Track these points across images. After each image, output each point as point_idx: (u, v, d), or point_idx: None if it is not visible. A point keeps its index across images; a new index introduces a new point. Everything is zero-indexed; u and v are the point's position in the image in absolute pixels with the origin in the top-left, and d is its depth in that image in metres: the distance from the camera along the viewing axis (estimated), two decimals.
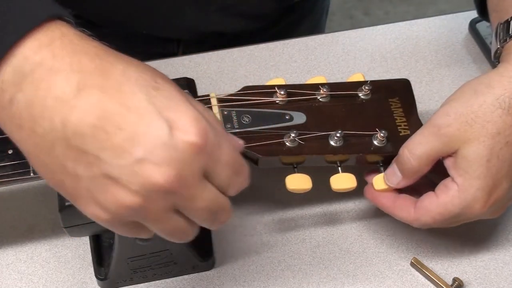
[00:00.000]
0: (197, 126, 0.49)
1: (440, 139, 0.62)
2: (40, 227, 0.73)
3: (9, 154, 0.61)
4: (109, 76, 0.48)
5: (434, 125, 0.63)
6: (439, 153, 0.63)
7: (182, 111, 0.48)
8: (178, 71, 0.82)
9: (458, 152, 0.62)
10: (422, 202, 0.64)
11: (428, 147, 0.63)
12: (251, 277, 0.70)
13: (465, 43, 0.85)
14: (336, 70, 0.82)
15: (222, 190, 0.52)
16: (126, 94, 0.48)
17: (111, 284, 0.69)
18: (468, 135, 0.62)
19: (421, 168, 0.63)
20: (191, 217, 0.52)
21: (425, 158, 0.63)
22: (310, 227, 0.73)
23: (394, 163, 0.65)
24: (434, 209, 0.63)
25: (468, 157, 0.62)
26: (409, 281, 0.70)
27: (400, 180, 0.65)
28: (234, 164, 0.52)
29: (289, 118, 0.66)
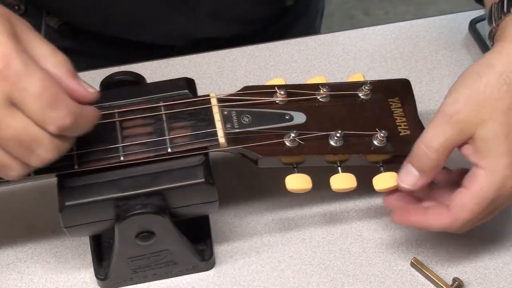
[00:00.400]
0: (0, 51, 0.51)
1: (454, 127, 0.62)
2: (40, 227, 0.73)
3: None
4: None
5: (445, 114, 0.62)
6: (456, 142, 0.62)
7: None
8: (178, 71, 0.82)
9: (475, 136, 0.62)
10: (454, 200, 0.63)
11: (444, 137, 0.62)
12: (251, 277, 0.70)
13: (465, 43, 0.85)
14: (336, 70, 0.82)
15: (38, 123, 0.53)
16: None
17: (111, 284, 0.69)
18: (481, 116, 0.61)
19: (439, 161, 0.63)
20: (4, 147, 0.53)
21: (443, 149, 0.62)
22: (310, 227, 0.73)
23: (408, 163, 0.64)
24: (470, 201, 0.62)
25: (486, 138, 0.61)
26: (409, 281, 0.70)
27: (417, 179, 0.64)
28: (46, 97, 0.52)
29: (289, 118, 0.66)
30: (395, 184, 0.66)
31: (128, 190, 0.62)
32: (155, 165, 0.63)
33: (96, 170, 0.62)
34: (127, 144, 0.62)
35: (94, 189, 0.62)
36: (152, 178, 0.62)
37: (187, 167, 0.63)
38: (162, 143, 0.63)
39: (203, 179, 0.62)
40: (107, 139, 0.63)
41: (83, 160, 0.62)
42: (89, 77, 0.82)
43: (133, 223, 0.62)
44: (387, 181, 0.66)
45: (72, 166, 0.61)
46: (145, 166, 0.63)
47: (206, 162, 0.63)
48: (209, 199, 0.64)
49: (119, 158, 0.62)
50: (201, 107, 0.65)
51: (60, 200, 0.61)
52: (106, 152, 0.62)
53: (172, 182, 0.62)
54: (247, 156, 0.65)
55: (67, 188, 0.62)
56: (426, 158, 0.63)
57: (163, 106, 0.64)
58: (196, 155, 0.63)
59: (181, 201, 0.64)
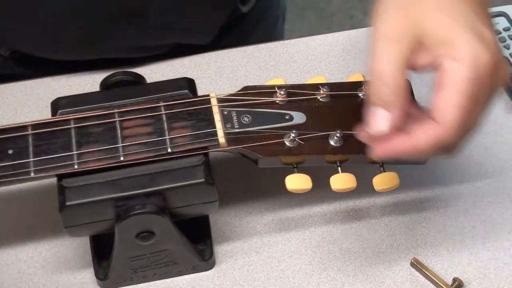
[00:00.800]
0: None
1: (398, 39, 0.56)
2: (40, 227, 0.73)
3: (9, 154, 0.61)
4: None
5: (381, 34, 0.57)
6: (406, 54, 0.56)
7: None
8: (178, 71, 0.82)
9: (423, 34, 0.56)
10: (435, 104, 0.56)
11: (392, 55, 0.56)
12: (251, 277, 0.70)
13: None
14: (336, 70, 0.82)
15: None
16: None
17: (111, 284, 0.69)
18: (416, 14, 0.56)
19: (400, 82, 0.56)
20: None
21: (396, 69, 0.56)
22: (310, 227, 0.73)
23: (371, 107, 0.57)
24: (453, 94, 0.55)
25: (434, 28, 0.56)
26: (409, 281, 0.70)
27: (388, 116, 0.56)
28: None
29: (289, 118, 0.66)
30: (395, 184, 0.66)
31: (128, 190, 0.62)
32: (155, 165, 0.63)
33: (96, 170, 0.62)
34: (127, 144, 0.62)
35: (94, 189, 0.62)
36: (152, 178, 0.62)
37: (187, 167, 0.63)
38: (162, 143, 0.63)
39: (203, 179, 0.62)
40: (107, 139, 0.63)
41: (83, 160, 0.62)
42: (89, 77, 0.82)
43: (133, 223, 0.62)
44: (387, 181, 0.66)
45: (72, 166, 0.61)
46: (145, 166, 0.63)
47: (206, 162, 0.63)
48: (209, 199, 0.64)
49: (119, 158, 0.62)
50: (201, 107, 0.65)
51: (60, 200, 0.61)
52: (106, 152, 0.62)
53: (172, 182, 0.62)
54: (247, 156, 0.65)
55: (67, 188, 0.62)
56: (386, 87, 0.56)
57: (163, 106, 0.64)
58: (196, 155, 0.63)
59: (181, 201, 0.64)
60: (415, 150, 0.57)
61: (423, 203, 0.74)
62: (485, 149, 0.78)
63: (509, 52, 0.82)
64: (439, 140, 0.56)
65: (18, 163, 0.61)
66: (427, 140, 0.56)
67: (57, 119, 0.63)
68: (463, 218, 0.74)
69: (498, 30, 0.84)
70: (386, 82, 0.56)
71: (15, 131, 0.62)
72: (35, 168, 0.61)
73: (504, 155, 0.77)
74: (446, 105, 0.55)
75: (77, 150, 0.62)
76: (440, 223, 0.73)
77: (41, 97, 0.81)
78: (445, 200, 0.75)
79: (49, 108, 0.67)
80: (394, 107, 0.56)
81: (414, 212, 0.74)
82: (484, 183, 0.76)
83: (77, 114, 0.64)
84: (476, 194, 0.75)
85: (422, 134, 0.56)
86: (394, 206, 0.74)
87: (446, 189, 0.75)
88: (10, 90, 0.82)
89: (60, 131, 0.63)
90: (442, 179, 0.76)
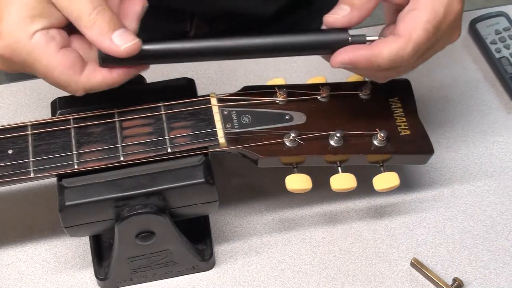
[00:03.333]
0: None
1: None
2: (40, 227, 0.73)
3: (9, 154, 0.61)
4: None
5: None
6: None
7: None
8: (178, 71, 0.82)
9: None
10: (404, 22, 0.59)
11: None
12: (251, 277, 0.70)
13: (465, 43, 0.85)
14: (336, 70, 0.82)
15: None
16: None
17: (111, 284, 0.69)
18: None
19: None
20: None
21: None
22: (310, 227, 0.73)
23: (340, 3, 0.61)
24: (422, 18, 0.59)
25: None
26: (409, 281, 0.70)
27: (348, 12, 0.60)
28: (59, 83, 0.59)
29: (289, 118, 0.66)
30: (395, 184, 0.66)
31: (128, 190, 0.62)
32: (155, 165, 0.63)
33: (96, 170, 0.62)
34: (127, 144, 0.62)
35: (94, 189, 0.62)
36: (152, 178, 0.62)
37: (187, 167, 0.63)
38: (162, 143, 0.63)
39: (203, 179, 0.62)
40: (107, 139, 0.63)
41: (83, 160, 0.62)
42: None
43: (133, 223, 0.62)
44: (387, 181, 0.66)
45: (72, 166, 0.61)
46: (145, 166, 0.63)
47: (206, 162, 0.63)
48: (209, 199, 0.64)
49: (119, 158, 0.62)
50: (201, 107, 0.65)
51: (60, 200, 0.61)
52: (106, 152, 0.62)
53: (172, 182, 0.62)
54: (247, 156, 0.65)
55: (67, 188, 0.62)
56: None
57: (163, 106, 0.64)
58: (196, 155, 0.63)
59: (181, 201, 0.64)
60: (375, 59, 0.59)
61: (423, 203, 0.75)
62: (485, 149, 0.78)
63: (509, 52, 0.82)
64: (400, 52, 0.59)
65: (18, 163, 0.61)
66: (387, 52, 0.59)
67: (57, 119, 0.63)
68: (463, 218, 0.74)
69: (498, 30, 0.84)
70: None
71: (15, 131, 0.63)
72: (35, 168, 0.61)
73: (504, 155, 0.77)
74: (415, 26, 0.58)
75: (77, 150, 0.62)
76: (440, 223, 0.73)
77: (41, 97, 0.81)
78: (445, 200, 0.75)
79: (49, 108, 0.67)
80: (358, 11, 0.60)
81: (414, 212, 0.74)
82: (484, 183, 0.76)
83: (77, 114, 0.64)
84: (476, 194, 0.75)
85: (384, 45, 0.59)
86: (394, 206, 0.74)
87: (446, 189, 0.75)
88: (10, 90, 0.82)
89: (60, 131, 0.63)
90: (442, 179, 0.76)
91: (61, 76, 0.58)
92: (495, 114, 0.80)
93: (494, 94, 0.81)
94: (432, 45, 0.60)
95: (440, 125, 0.79)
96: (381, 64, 0.59)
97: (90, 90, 0.60)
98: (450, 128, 0.79)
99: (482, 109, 0.80)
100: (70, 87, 0.59)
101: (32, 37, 0.57)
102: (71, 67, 0.58)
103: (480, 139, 0.78)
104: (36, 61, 0.58)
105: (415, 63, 0.61)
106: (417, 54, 0.60)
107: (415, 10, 0.59)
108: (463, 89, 0.82)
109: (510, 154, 0.77)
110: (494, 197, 0.75)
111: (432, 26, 0.59)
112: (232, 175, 0.75)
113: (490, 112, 0.80)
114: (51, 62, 0.58)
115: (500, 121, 0.79)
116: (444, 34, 0.61)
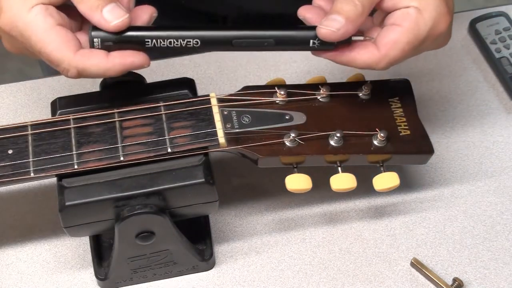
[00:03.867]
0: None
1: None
2: (40, 227, 0.73)
3: (9, 154, 0.62)
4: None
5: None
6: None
7: None
8: (178, 71, 0.82)
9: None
10: (385, 36, 0.61)
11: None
12: (251, 277, 0.70)
13: (465, 43, 0.85)
14: (336, 70, 0.82)
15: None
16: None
17: (111, 284, 0.69)
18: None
19: (365, 11, 0.60)
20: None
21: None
22: (310, 227, 0.73)
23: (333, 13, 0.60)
24: (402, 38, 0.60)
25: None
26: (409, 281, 0.70)
27: (342, 24, 0.60)
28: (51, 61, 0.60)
29: (289, 118, 0.66)
30: (395, 184, 0.66)
31: (128, 190, 0.62)
32: (155, 165, 0.63)
33: (96, 170, 0.62)
34: (127, 144, 0.62)
35: (94, 189, 0.62)
36: (152, 178, 0.62)
37: (187, 167, 0.63)
38: (162, 143, 0.63)
39: (203, 179, 0.62)
40: (107, 139, 0.63)
41: (83, 160, 0.62)
42: None
43: (133, 223, 0.62)
44: (387, 181, 0.66)
45: (72, 166, 0.61)
46: (145, 166, 0.63)
47: (206, 162, 0.63)
48: (209, 199, 0.64)
49: (119, 158, 0.62)
50: (201, 107, 0.65)
51: (60, 200, 0.61)
52: (106, 152, 0.62)
53: (172, 182, 0.62)
54: (247, 156, 0.65)
55: (67, 188, 0.62)
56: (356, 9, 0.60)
57: (163, 106, 0.64)
58: (196, 155, 0.63)
59: (181, 201, 0.64)
60: (352, 63, 0.62)
61: (423, 203, 0.75)
62: (485, 149, 0.78)
63: (509, 52, 0.82)
64: (374, 64, 0.61)
65: (18, 163, 0.61)
66: (364, 60, 0.61)
67: (57, 119, 0.63)
68: (463, 218, 0.74)
69: (498, 30, 0.84)
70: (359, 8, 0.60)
71: (15, 131, 0.63)
72: (35, 168, 0.61)
73: (504, 155, 0.77)
74: (394, 44, 0.60)
75: (77, 150, 0.62)
76: (440, 223, 0.73)
77: (41, 97, 0.81)
78: (445, 200, 0.75)
79: (49, 108, 0.67)
80: (351, 24, 0.60)
81: (414, 212, 0.74)
82: (484, 183, 0.76)
83: (77, 114, 0.64)
84: (476, 194, 0.75)
85: (363, 54, 0.61)
86: (394, 206, 0.74)
87: (446, 189, 0.75)
88: (10, 90, 0.82)
89: (60, 131, 0.63)
90: (442, 179, 0.76)
91: (55, 51, 0.59)
92: (495, 114, 0.80)
93: (494, 94, 0.81)
94: (411, 55, 0.62)
95: (440, 125, 0.79)
96: (358, 66, 0.62)
97: (83, 72, 0.60)
98: (450, 128, 0.79)
99: (482, 109, 0.80)
100: (63, 64, 0.59)
101: (30, 10, 0.58)
102: (66, 43, 0.59)
103: (480, 139, 0.78)
104: (32, 34, 0.58)
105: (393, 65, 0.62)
106: (391, 64, 0.61)
107: (399, 27, 0.60)
108: (463, 89, 0.82)
109: (510, 154, 0.77)
110: (494, 197, 0.75)
111: (411, 48, 0.60)
112: (232, 175, 0.75)
113: (490, 112, 0.80)
114: (46, 35, 0.58)
115: (500, 121, 0.79)
116: (430, 46, 0.63)
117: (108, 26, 0.59)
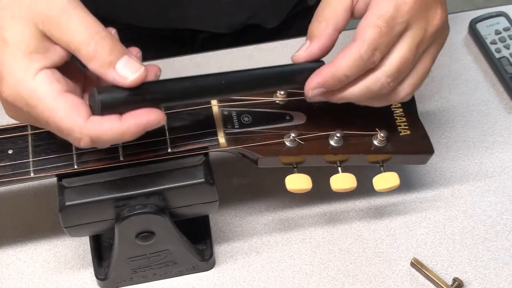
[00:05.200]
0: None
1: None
2: (40, 227, 0.73)
3: (9, 154, 0.61)
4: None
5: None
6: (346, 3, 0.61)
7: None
8: (178, 71, 0.82)
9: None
10: (357, 28, 0.60)
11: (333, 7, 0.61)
12: (251, 277, 0.70)
13: (465, 43, 0.85)
14: None
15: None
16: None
17: (111, 284, 0.69)
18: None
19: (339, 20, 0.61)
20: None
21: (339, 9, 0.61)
22: (310, 227, 0.73)
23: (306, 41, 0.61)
24: (371, 17, 0.59)
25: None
26: (409, 281, 0.70)
27: (308, 44, 0.61)
28: (62, 131, 0.55)
29: (289, 118, 0.66)
30: (395, 184, 0.66)
31: (128, 190, 0.62)
32: (155, 165, 0.63)
33: (96, 170, 0.62)
34: (127, 144, 0.62)
35: (94, 189, 0.61)
36: (152, 178, 0.62)
37: (187, 167, 0.63)
38: (162, 143, 0.63)
39: (203, 179, 0.62)
40: None
41: (83, 160, 0.61)
42: None
43: (133, 223, 0.62)
44: (387, 181, 0.66)
45: (72, 166, 0.61)
46: (145, 166, 0.63)
47: (206, 162, 0.63)
48: (209, 199, 0.64)
49: (118, 158, 0.62)
50: (201, 107, 0.65)
51: (60, 200, 0.61)
52: (106, 152, 0.62)
53: (172, 182, 0.62)
54: (247, 156, 0.65)
55: (67, 188, 0.61)
56: (323, 30, 0.61)
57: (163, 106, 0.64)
58: (196, 155, 0.63)
59: (181, 201, 0.64)
60: (338, 72, 0.59)
61: (423, 203, 0.75)
62: (485, 149, 0.78)
63: (509, 52, 0.82)
64: (355, 57, 0.58)
65: (18, 163, 0.61)
66: (345, 60, 0.58)
67: None
68: (463, 218, 0.74)
69: (498, 30, 0.84)
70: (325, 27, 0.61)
71: (15, 131, 0.63)
72: (35, 168, 0.61)
73: (504, 155, 0.77)
74: (365, 25, 0.59)
75: (77, 150, 0.62)
76: (440, 223, 0.73)
77: None
78: (445, 200, 0.75)
79: None
80: (317, 39, 0.61)
81: (414, 212, 0.74)
82: (484, 183, 0.76)
83: None
84: (476, 194, 0.75)
85: (342, 55, 0.59)
86: (394, 206, 0.74)
87: (446, 189, 0.75)
88: None
89: None
90: (442, 179, 0.76)
91: (64, 119, 0.53)
92: (495, 114, 0.80)
93: (494, 94, 0.81)
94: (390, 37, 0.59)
95: (440, 125, 0.79)
96: (347, 74, 0.59)
97: (97, 140, 0.54)
98: (450, 128, 0.79)
99: (482, 109, 0.80)
100: (74, 133, 0.53)
101: (35, 77, 0.53)
102: (75, 110, 0.53)
103: (480, 139, 0.78)
104: (39, 102, 0.53)
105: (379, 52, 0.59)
106: (378, 53, 0.59)
107: (367, 11, 0.60)
108: (463, 89, 0.82)
109: (510, 154, 0.77)
110: (494, 197, 0.75)
111: (383, 21, 0.58)
112: (232, 175, 0.75)
113: (490, 112, 0.80)
114: (55, 103, 0.53)
115: (500, 121, 0.79)
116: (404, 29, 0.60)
117: (125, 83, 0.53)
